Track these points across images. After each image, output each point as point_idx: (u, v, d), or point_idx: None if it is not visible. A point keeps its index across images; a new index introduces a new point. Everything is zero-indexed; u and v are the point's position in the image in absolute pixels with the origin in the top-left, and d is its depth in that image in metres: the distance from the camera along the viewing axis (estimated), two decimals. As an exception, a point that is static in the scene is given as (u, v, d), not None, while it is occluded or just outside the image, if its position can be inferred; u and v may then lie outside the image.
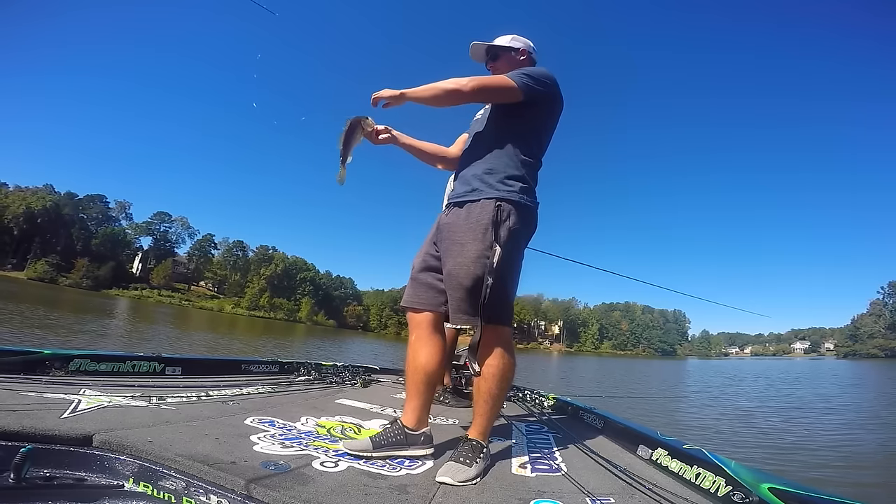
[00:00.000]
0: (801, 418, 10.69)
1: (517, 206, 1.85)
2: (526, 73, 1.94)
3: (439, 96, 1.86)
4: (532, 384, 4.21)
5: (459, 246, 1.84)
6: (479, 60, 2.22)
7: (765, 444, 7.34)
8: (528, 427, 2.77)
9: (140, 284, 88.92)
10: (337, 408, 2.70)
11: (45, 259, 78.14)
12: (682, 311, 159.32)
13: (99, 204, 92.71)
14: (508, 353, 1.87)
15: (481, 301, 1.75)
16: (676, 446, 2.03)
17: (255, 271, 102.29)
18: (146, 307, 52.34)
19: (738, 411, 11.69)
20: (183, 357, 3.21)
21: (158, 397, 2.19)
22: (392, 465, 1.70)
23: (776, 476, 1.60)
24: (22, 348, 2.52)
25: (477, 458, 1.72)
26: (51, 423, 1.47)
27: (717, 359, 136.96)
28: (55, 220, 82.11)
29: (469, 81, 1.85)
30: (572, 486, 1.68)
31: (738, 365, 66.24)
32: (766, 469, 1.48)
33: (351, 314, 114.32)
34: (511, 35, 2.21)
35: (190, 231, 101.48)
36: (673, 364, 63.68)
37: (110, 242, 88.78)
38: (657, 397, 14.64)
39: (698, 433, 7.95)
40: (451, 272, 1.84)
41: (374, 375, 4.39)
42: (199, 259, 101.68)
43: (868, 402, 15.29)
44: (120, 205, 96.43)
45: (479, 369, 1.81)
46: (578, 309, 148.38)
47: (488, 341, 1.84)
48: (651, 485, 1.73)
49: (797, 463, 6.07)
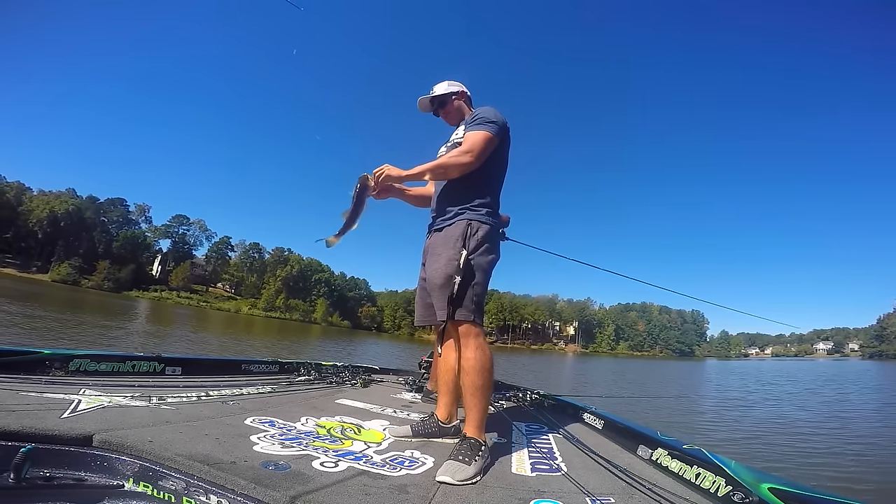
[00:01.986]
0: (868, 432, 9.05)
1: (483, 224, 2.15)
2: (490, 120, 2.20)
3: (447, 172, 2.19)
4: (543, 385, 4.17)
5: (436, 256, 2.14)
6: (426, 111, 2.56)
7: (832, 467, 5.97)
8: (528, 427, 2.76)
9: (159, 286, 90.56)
10: (337, 408, 2.71)
11: (68, 262, 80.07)
12: (700, 312, 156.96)
13: (119, 207, 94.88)
14: (482, 346, 2.04)
15: (450, 296, 2.00)
16: (676, 446, 2.03)
17: (271, 273, 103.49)
18: (166, 308, 53.34)
19: (779, 422, 10.27)
20: (183, 357, 3.24)
21: (158, 397, 2.21)
22: (392, 465, 1.71)
23: (776, 476, 1.60)
24: (22, 348, 2.54)
25: (476, 457, 1.77)
26: (51, 423, 1.48)
27: (736, 360, 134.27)
28: (78, 224, 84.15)
29: (468, 155, 2.13)
30: (572, 486, 1.68)
31: (760, 366, 64.44)
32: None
33: (365, 315, 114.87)
34: (446, 81, 2.53)
35: (207, 233, 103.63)
36: (691, 365, 62.36)
37: (130, 245, 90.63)
38: (681, 404, 13.28)
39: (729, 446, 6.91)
40: (429, 277, 2.15)
41: (373, 375, 4.40)
42: (217, 261, 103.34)
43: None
44: (140, 208, 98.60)
45: (440, 351, 2.12)
46: (594, 310, 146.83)
47: (461, 337, 2.04)
48: (651, 485, 1.72)
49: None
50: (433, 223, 2.31)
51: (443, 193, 2.29)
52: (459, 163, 2.13)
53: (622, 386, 18.75)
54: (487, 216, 2.18)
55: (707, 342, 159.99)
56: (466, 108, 2.51)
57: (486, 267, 2.14)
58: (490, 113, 2.23)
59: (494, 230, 2.21)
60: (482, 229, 2.12)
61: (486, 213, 2.18)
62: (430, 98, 2.49)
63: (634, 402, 11.99)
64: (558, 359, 58.70)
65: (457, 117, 2.49)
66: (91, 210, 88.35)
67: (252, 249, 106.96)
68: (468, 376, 1.99)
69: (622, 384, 19.86)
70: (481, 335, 2.07)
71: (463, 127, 2.31)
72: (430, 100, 2.50)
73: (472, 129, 2.19)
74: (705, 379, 28.37)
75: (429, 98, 2.49)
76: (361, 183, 2.22)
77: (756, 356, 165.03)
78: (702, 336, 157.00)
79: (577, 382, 19.78)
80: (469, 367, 1.99)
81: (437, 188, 2.36)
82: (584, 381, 21.63)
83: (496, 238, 2.22)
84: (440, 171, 2.18)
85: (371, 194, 2.27)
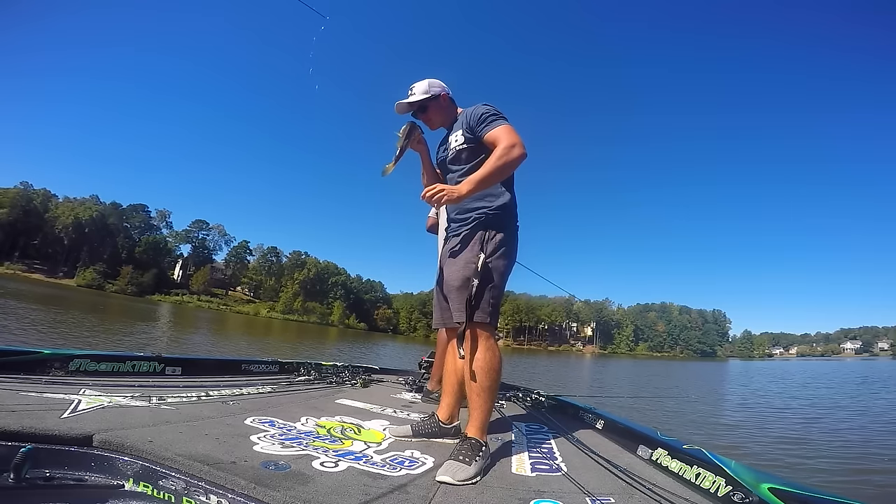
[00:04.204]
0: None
1: (501, 227, 2.14)
2: (500, 115, 2.15)
3: (504, 173, 2.09)
4: (563, 388, 4.13)
5: (454, 259, 2.14)
6: (404, 114, 2.41)
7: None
8: (528, 427, 2.76)
9: (181, 290, 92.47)
10: (337, 408, 2.72)
11: (92, 267, 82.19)
12: (721, 312, 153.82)
13: (141, 213, 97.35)
14: (493, 348, 2.04)
15: (468, 298, 1.97)
16: (676, 446, 2.03)
17: (289, 276, 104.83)
18: (187, 312, 54.31)
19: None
20: (183, 357, 3.26)
21: (158, 397, 2.23)
22: (392, 466, 1.71)
23: (776, 476, 1.59)
24: (22, 348, 2.56)
25: (476, 457, 1.77)
26: (51, 423, 1.50)
27: (760, 360, 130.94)
28: (101, 230, 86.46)
29: (516, 147, 2.04)
30: (572, 486, 1.68)
31: (786, 366, 62.02)
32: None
33: (381, 317, 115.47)
34: (425, 81, 2.38)
35: (226, 238, 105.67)
36: (715, 366, 60.69)
37: (152, 250, 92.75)
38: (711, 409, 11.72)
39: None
40: (446, 279, 2.15)
41: (373, 375, 4.41)
42: (236, 265, 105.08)
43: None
44: (161, 213, 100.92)
45: (463, 353, 2.00)
46: (612, 310, 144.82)
47: (474, 338, 2.02)
48: (651, 485, 1.72)
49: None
50: (449, 226, 2.31)
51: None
52: (514, 157, 2.04)
53: (653, 389, 17.86)
54: (505, 219, 2.16)
55: (729, 342, 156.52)
56: (451, 111, 2.41)
57: (504, 270, 2.13)
58: (492, 108, 2.17)
59: (513, 233, 2.20)
60: (500, 233, 2.12)
61: (504, 215, 2.16)
62: (408, 103, 2.37)
63: (665, 406, 11.39)
64: (576, 360, 57.91)
65: (439, 120, 2.40)
66: (114, 216, 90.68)
67: (270, 253, 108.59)
68: (477, 377, 1.99)
69: (653, 387, 18.99)
70: (493, 338, 2.07)
71: (460, 131, 2.22)
72: (409, 104, 2.37)
73: (490, 127, 2.11)
74: (733, 380, 26.87)
75: (407, 103, 2.36)
76: (410, 126, 2.30)
77: (780, 356, 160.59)
78: (724, 336, 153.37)
79: (599, 384, 19.13)
80: (479, 368, 1.99)
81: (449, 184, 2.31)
82: (611, 382, 21.00)
83: (514, 241, 2.21)
84: (496, 176, 2.06)
85: (413, 141, 2.33)
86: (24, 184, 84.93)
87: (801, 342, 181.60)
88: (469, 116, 2.20)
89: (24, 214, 79.13)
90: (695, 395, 15.34)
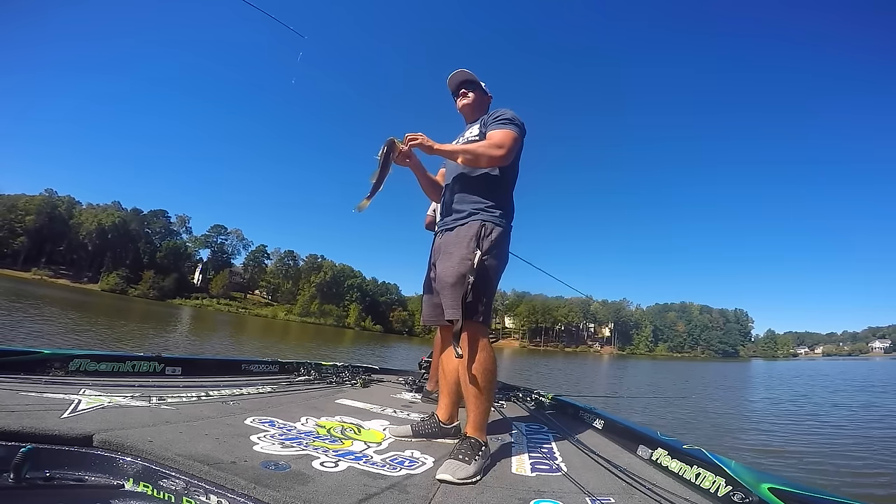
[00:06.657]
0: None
1: (497, 226, 2.13)
2: (516, 122, 2.19)
3: (477, 161, 2.13)
4: (583, 390, 4.08)
5: (448, 255, 2.11)
6: (452, 87, 2.48)
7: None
8: (528, 427, 2.76)
9: (200, 294, 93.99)
10: (337, 408, 2.73)
11: (116, 272, 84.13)
12: (743, 311, 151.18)
13: (161, 219, 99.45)
14: (487, 347, 2.04)
15: (463, 295, 1.97)
16: (676, 446, 2.02)
17: (306, 279, 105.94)
18: (207, 315, 55.26)
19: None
20: (183, 357, 3.27)
21: (158, 397, 2.24)
22: (392, 465, 1.71)
23: (776, 476, 1.57)
24: (22, 348, 2.57)
25: (476, 456, 1.78)
26: (51, 423, 1.52)
27: (784, 360, 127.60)
28: (124, 235, 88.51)
29: (500, 150, 2.10)
30: (572, 486, 1.68)
31: (814, 366, 59.53)
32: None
33: (396, 319, 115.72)
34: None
35: (244, 242, 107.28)
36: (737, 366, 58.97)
37: (173, 255, 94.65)
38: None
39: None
40: (440, 275, 2.11)
41: (373, 375, 4.42)
42: (254, 269, 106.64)
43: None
44: (180, 219, 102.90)
45: (460, 352, 1.98)
46: (630, 310, 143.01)
47: (470, 337, 2.00)
48: (651, 485, 1.71)
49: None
50: (444, 222, 2.30)
51: (456, 192, 2.27)
52: (490, 154, 2.10)
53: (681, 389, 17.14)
54: (501, 218, 2.17)
55: (752, 342, 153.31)
56: (483, 109, 2.47)
57: (498, 269, 2.14)
58: (513, 114, 2.21)
59: (507, 233, 2.21)
60: (496, 231, 2.12)
61: (500, 214, 2.17)
62: (466, 78, 2.43)
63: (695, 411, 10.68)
64: (594, 361, 57.08)
65: (473, 111, 2.44)
66: (135, 222, 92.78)
67: (287, 257, 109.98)
68: (472, 378, 1.99)
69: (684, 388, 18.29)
70: (487, 336, 2.07)
71: (478, 126, 2.29)
72: (468, 76, 2.43)
73: (498, 128, 2.16)
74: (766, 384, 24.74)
75: (466, 77, 2.43)
76: (388, 145, 2.18)
77: (805, 356, 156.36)
78: (746, 336, 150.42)
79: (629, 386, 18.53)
80: (474, 368, 1.99)
81: (449, 186, 2.33)
82: (644, 383, 20.42)
83: (507, 241, 2.22)
84: (470, 157, 2.12)
85: (395, 157, 2.23)
86: (49, 191, 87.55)
87: (826, 341, 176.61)
88: (490, 115, 2.28)
89: (49, 221, 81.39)
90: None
